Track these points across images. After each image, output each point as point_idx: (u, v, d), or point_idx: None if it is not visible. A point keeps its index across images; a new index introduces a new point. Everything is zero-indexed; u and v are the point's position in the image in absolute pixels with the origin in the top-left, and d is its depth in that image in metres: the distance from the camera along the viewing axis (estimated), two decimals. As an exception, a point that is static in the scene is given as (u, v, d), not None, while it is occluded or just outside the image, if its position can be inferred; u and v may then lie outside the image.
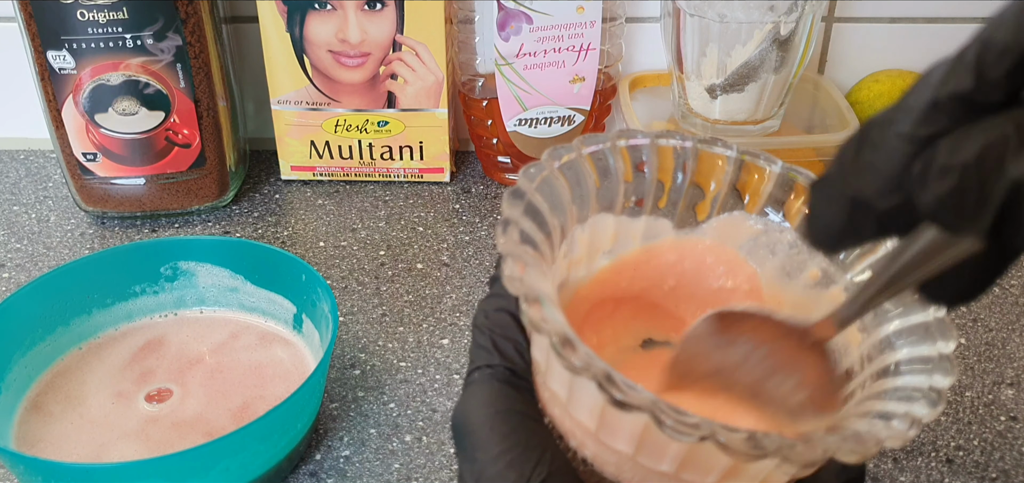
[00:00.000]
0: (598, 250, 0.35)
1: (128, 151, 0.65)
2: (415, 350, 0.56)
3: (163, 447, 0.47)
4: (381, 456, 0.49)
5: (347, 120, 0.70)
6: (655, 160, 0.34)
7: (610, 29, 0.69)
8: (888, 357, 0.30)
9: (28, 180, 0.74)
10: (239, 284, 0.55)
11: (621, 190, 0.34)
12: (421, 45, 0.67)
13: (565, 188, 0.32)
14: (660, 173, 0.34)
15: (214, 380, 0.51)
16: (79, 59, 0.62)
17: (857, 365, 0.31)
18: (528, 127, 0.70)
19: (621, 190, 0.34)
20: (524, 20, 0.66)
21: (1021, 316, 0.58)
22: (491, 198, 0.72)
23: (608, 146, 0.33)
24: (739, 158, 0.34)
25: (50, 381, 0.51)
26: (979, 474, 0.47)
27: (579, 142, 0.33)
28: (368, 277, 0.63)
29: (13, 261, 0.64)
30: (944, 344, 0.29)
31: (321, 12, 0.66)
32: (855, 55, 0.75)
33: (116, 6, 0.60)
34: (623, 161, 0.33)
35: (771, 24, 0.61)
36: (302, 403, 0.45)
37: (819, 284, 0.33)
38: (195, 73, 0.64)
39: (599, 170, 0.33)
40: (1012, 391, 0.52)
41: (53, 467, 0.43)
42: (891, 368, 0.29)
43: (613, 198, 0.34)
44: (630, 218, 0.34)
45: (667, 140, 0.34)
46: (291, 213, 0.70)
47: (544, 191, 0.31)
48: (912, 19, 0.73)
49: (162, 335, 0.54)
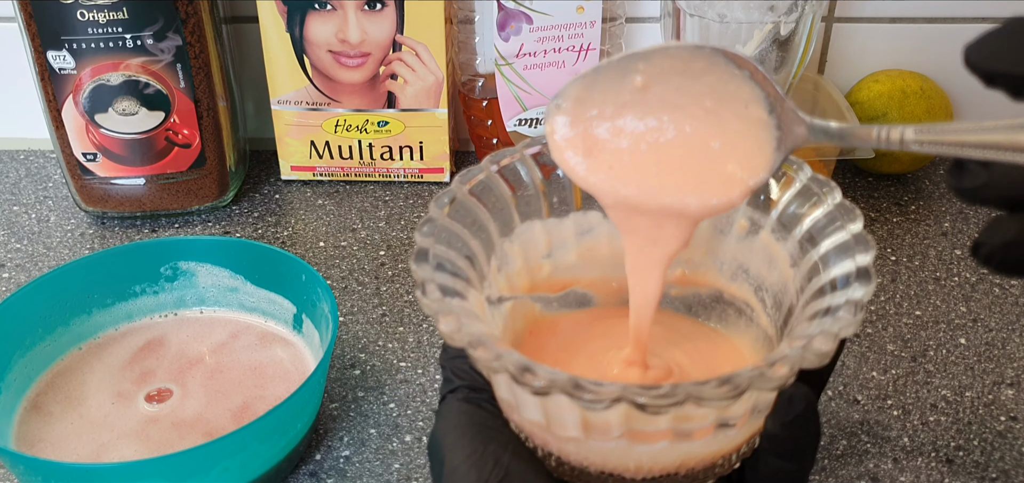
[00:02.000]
0: (537, 255, 0.37)
1: (128, 151, 0.65)
2: (415, 350, 0.56)
3: (163, 447, 0.47)
4: (381, 456, 0.49)
5: (347, 120, 0.70)
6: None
7: (610, 29, 0.69)
8: (821, 278, 0.31)
9: (28, 180, 0.74)
10: (239, 284, 0.55)
11: (540, 195, 0.36)
12: (421, 45, 0.67)
13: (480, 208, 0.34)
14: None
15: (214, 380, 0.51)
16: (79, 59, 0.62)
17: (794, 299, 0.33)
18: (528, 127, 0.70)
19: (540, 195, 0.36)
20: (524, 20, 0.66)
21: (1021, 316, 0.58)
22: (491, 198, 0.72)
23: (517, 158, 0.35)
24: None
25: (50, 381, 0.51)
26: (979, 474, 0.47)
27: (488, 161, 0.35)
28: (368, 277, 0.63)
29: (13, 261, 0.64)
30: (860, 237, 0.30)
31: (321, 12, 0.66)
32: (855, 55, 0.75)
33: (116, 6, 0.60)
34: (534, 168, 0.36)
35: (771, 24, 0.61)
36: (302, 403, 0.45)
37: (750, 233, 0.35)
38: (195, 73, 0.64)
39: (512, 182, 0.35)
40: (1012, 391, 0.52)
41: (53, 467, 0.43)
42: (825, 287, 0.31)
43: (534, 205, 0.36)
44: (558, 219, 0.36)
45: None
46: (291, 213, 0.70)
47: (458, 216, 0.33)
48: (912, 19, 0.73)
49: (162, 335, 0.54)
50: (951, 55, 0.74)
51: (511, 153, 0.36)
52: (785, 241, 0.34)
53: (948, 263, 0.63)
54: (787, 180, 0.34)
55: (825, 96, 0.72)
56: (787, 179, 0.34)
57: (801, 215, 0.33)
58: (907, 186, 0.72)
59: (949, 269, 0.62)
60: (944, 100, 0.71)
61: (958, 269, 0.62)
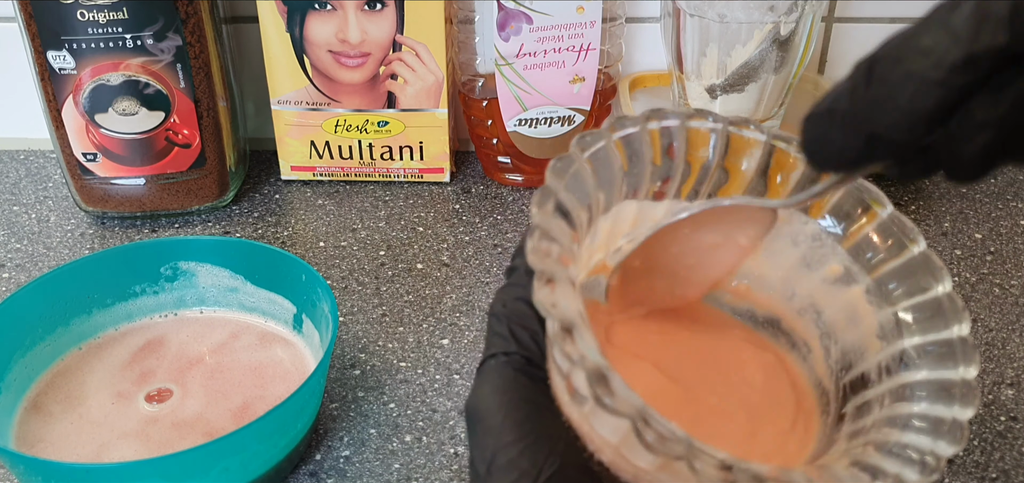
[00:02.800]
0: (618, 235, 0.34)
1: (128, 151, 0.65)
2: (415, 350, 0.56)
3: (163, 447, 0.47)
4: (381, 456, 0.49)
5: (347, 120, 0.70)
6: (684, 143, 0.33)
7: (610, 29, 0.69)
8: (905, 376, 0.29)
9: (28, 180, 0.74)
10: (239, 284, 0.55)
11: (647, 174, 0.33)
12: (421, 45, 0.67)
13: (591, 177, 0.31)
14: (688, 156, 0.33)
15: (214, 380, 0.51)
16: (79, 59, 0.62)
17: (873, 373, 0.31)
18: (528, 127, 0.70)
19: (647, 174, 0.33)
20: (524, 20, 0.66)
21: (1021, 316, 0.58)
22: (491, 198, 0.72)
23: (638, 130, 0.32)
24: (769, 143, 0.33)
25: (50, 381, 0.51)
26: (979, 474, 0.47)
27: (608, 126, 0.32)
28: (368, 277, 0.63)
29: (13, 261, 0.64)
30: (966, 369, 0.28)
31: (321, 12, 0.66)
32: (855, 55, 0.74)
33: (116, 6, 0.60)
34: (652, 145, 0.33)
35: (771, 24, 0.61)
36: (302, 403, 0.45)
37: (839, 281, 0.33)
38: (195, 73, 0.64)
39: (628, 155, 0.32)
40: (1012, 391, 0.52)
41: (53, 467, 0.43)
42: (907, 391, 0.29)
43: (639, 183, 0.33)
44: (652, 204, 0.34)
45: (698, 122, 0.33)
46: (291, 213, 0.70)
47: (573, 187, 0.30)
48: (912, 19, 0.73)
49: (162, 335, 0.54)
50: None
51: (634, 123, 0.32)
52: (879, 309, 0.32)
53: (948, 263, 0.63)
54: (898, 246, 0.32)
55: (825, 96, 0.72)
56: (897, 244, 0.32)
57: (900, 295, 0.31)
58: (907, 186, 0.72)
59: (949, 269, 0.62)
60: (944, 100, 0.71)
61: (958, 269, 0.62)
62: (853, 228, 0.33)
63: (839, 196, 0.33)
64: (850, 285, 0.33)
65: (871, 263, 0.32)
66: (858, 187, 0.33)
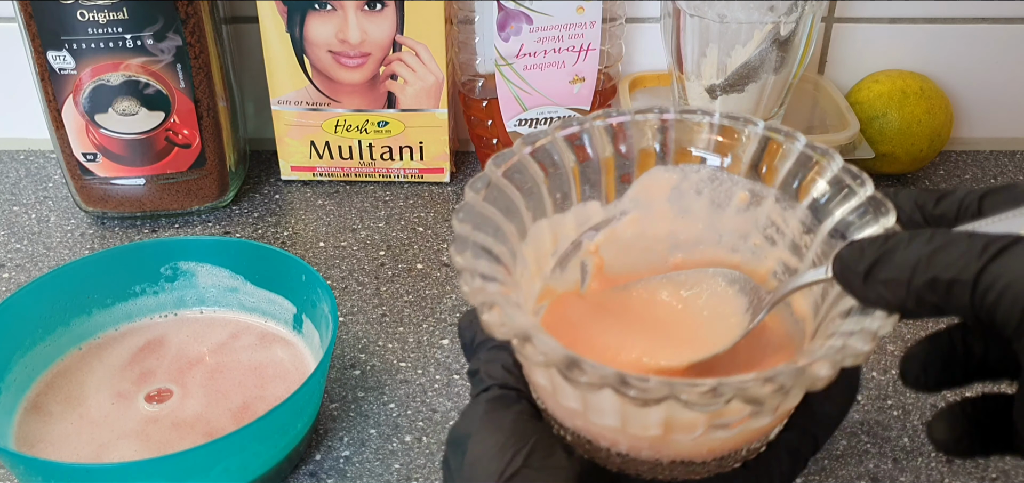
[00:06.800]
0: (545, 255, 0.36)
1: (128, 151, 0.65)
2: (415, 350, 0.56)
3: (163, 447, 0.47)
4: (381, 456, 0.49)
5: (347, 120, 0.70)
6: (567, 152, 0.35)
7: (610, 29, 0.69)
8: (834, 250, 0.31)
9: (28, 180, 0.74)
10: (239, 284, 0.55)
11: (573, 179, 0.35)
12: (421, 45, 0.67)
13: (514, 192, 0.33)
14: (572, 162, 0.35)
15: (214, 380, 0.51)
16: (79, 59, 0.62)
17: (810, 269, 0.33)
18: (528, 127, 0.70)
19: (573, 179, 0.35)
20: (524, 20, 0.66)
21: (1021, 316, 0.58)
22: (491, 198, 0.72)
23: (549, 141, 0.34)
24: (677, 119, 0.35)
25: (50, 381, 0.51)
26: (979, 474, 0.47)
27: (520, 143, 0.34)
28: (368, 277, 0.63)
29: (13, 261, 0.64)
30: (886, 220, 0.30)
31: (321, 12, 0.66)
32: (855, 55, 0.75)
33: (116, 6, 0.60)
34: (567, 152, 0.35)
35: (771, 24, 0.61)
36: (302, 403, 0.45)
37: (751, 204, 0.35)
38: (195, 73, 0.64)
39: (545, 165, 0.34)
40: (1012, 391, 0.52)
41: (53, 467, 0.43)
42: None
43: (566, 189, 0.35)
44: (560, 215, 0.35)
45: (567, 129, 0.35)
46: (291, 213, 0.70)
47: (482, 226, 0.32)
48: (912, 19, 0.73)
49: (162, 335, 0.54)
50: (951, 55, 0.74)
51: (544, 135, 0.35)
52: (813, 235, 0.33)
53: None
54: (818, 168, 0.33)
55: (825, 96, 0.72)
56: (818, 168, 0.33)
57: (831, 209, 0.33)
58: (907, 186, 0.72)
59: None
60: (944, 100, 0.71)
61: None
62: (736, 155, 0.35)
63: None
64: (761, 203, 0.35)
65: (766, 174, 0.35)
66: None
